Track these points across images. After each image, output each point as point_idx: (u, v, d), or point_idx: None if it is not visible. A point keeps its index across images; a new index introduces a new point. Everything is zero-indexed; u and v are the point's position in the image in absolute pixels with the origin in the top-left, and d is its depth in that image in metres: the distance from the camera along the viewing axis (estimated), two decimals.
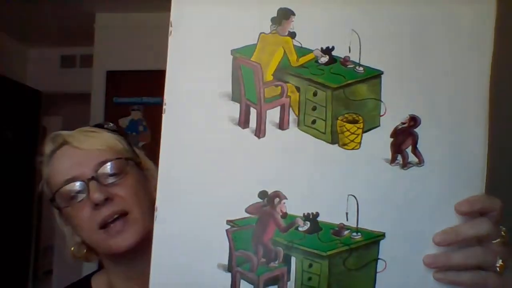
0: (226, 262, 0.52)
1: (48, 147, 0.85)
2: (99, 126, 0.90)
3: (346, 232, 0.52)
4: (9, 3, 2.98)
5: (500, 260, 0.51)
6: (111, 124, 0.92)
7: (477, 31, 0.52)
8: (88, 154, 0.79)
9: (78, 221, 0.79)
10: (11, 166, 3.32)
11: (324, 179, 0.52)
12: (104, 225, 0.76)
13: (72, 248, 0.88)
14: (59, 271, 4.16)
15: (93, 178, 0.76)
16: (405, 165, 0.52)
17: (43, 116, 3.90)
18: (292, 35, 0.52)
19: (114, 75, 3.27)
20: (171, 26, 0.54)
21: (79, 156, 0.79)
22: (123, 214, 0.78)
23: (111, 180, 0.77)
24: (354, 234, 0.52)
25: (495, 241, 0.51)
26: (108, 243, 0.76)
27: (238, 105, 0.53)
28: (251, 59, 0.53)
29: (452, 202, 0.51)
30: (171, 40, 0.54)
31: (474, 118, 0.52)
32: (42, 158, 0.86)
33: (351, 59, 0.53)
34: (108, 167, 0.78)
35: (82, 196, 0.77)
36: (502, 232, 0.52)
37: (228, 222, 0.52)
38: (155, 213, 0.53)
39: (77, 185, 0.77)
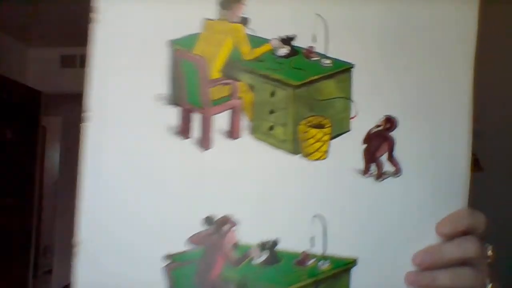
0: None
1: None
2: None
3: (311, 262, 0.44)
4: (9, 3, 2.96)
5: (490, 285, 0.45)
6: None
7: (459, 29, 0.45)
8: None
9: None
10: (11, 166, 3.30)
11: (284, 197, 0.44)
12: None
13: None
14: (59, 271, 4.16)
15: None
16: (380, 175, 0.45)
17: (43, 116, 3.89)
18: (244, 21, 0.44)
19: None
20: (94, 11, 0.43)
21: None
22: None
23: None
24: (321, 262, 0.44)
25: (483, 262, 0.45)
26: None
27: (177, 109, 0.43)
28: (194, 52, 0.44)
29: (434, 217, 0.45)
30: (94, 29, 0.43)
31: (457, 121, 0.46)
32: None
33: (316, 50, 0.44)
34: None
35: None
36: (490, 252, 0.46)
37: (167, 257, 0.43)
38: (76, 249, 0.43)
39: None
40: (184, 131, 0.44)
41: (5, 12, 3.08)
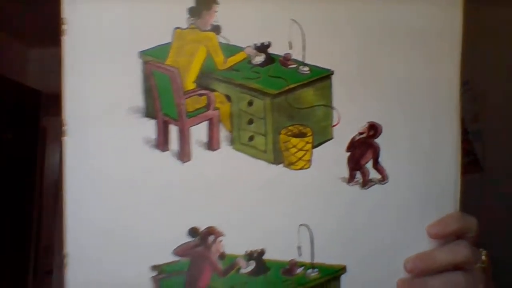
0: None
1: None
2: None
3: (299, 270, 0.45)
4: (9, 3, 2.93)
5: None
6: None
7: (443, 31, 0.44)
8: None
9: None
10: (11, 166, 3.32)
11: (268, 208, 0.44)
12: None
13: None
14: (59, 271, 4.30)
15: None
16: (366, 183, 0.45)
17: (43, 116, 3.84)
18: (216, 29, 0.43)
19: None
20: (64, 23, 0.43)
21: None
22: None
23: None
24: (309, 271, 0.45)
25: (476, 266, 0.45)
26: None
27: (154, 122, 0.43)
28: (166, 62, 0.43)
29: (423, 223, 0.45)
30: (64, 41, 0.43)
31: (445, 124, 0.45)
32: None
33: (293, 57, 0.44)
34: None
35: None
36: (483, 256, 0.46)
37: (154, 268, 0.44)
38: (64, 261, 0.44)
39: None
40: (162, 143, 0.44)
41: (5, 12, 3.10)
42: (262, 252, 0.45)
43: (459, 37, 0.44)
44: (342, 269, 0.45)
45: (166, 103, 0.44)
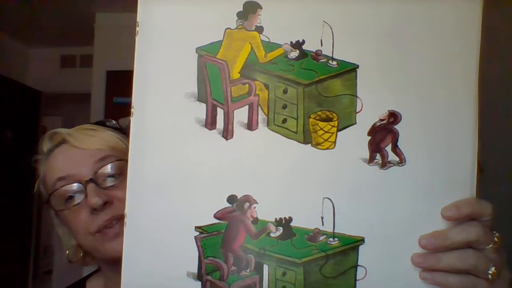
0: (195, 270, 0.52)
1: (45, 145, 0.85)
2: (101, 123, 0.88)
3: (322, 238, 0.51)
4: (9, 3, 3.04)
5: (493, 268, 0.48)
6: (113, 122, 0.89)
7: (463, 26, 0.50)
8: (87, 154, 0.77)
9: (74, 225, 0.77)
10: (11, 166, 3.39)
11: (297, 181, 0.51)
12: (101, 229, 0.74)
13: (67, 252, 0.87)
14: (59, 271, 4.22)
15: (91, 180, 0.74)
16: (385, 164, 0.50)
17: (43, 116, 3.97)
18: (259, 29, 0.51)
19: (114, 75, 3.31)
20: (138, 26, 0.53)
21: (77, 156, 0.77)
22: (121, 217, 0.76)
23: (110, 182, 0.75)
24: (331, 239, 0.51)
25: (488, 247, 0.49)
26: (104, 247, 0.75)
27: (204, 105, 0.51)
28: (217, 56, 0.52)
29: (438, 204, 0.49)
30: (138, 40, 0.53)
31: (462, 114, 0.50)
32: (39, 157, 0.85)
33: (323, 53, 0.51)
34: (108, 168, 0.76)
35: (79, 199, 0.75)
36: (495, 238, 0.50)
37: (197, 228, 0.51)
38: (125, 219, 0.53)
39: (74, 186, 0.75)
40: (210, 123, 0.53)
41: (5, 12, 3.12)
42: (289, 220, 0.51)
43: (479, 32, 0.49)
44: (360, 240, 0.51)
45: (215, 90, 0.53)
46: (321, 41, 0.51)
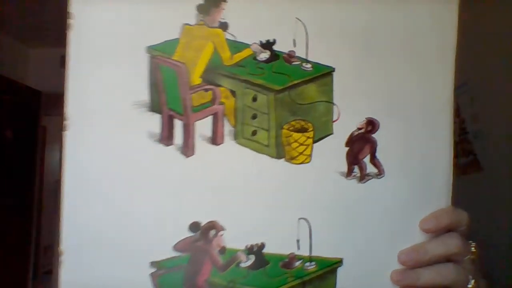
0: None
1: None
2: None
3: (298, 263, 0.46)
4: (9, 3, 2.96)
5: (473, 281, 0.47)
6: None
7: (439, 29, 0.47)
8: None
9: None
10: (11, 166, 3.38)
11: (269, 202, 0.46)
12: None
13: None
14: (59, 271, 4.24)
15: None
16: (363, 177, 0.47)
17: (43, 116, 3.96)
18: (224, 26, 0.44)
19: None
20: (70, 18, 0.43)
21: None
22: None
23: None
24: (308, 264, 0.46)
25: (466, 258, 0.47)
26: None
27: (158, 116, 0.43)
28: (173, 57, 0.45)
29: (417, 217, 0.47)
30: (71, 37, 0.43)
31: (439, 121, 0.47)
32: None
33: (296, 54, 0.46)
34: None
35: None
36: (472, 248, 0.48)
37: (153, 264, 0.44)
38: (60, 258, 0.43)
39: None
40: (166, 138, 0.45)
41: (5, 12, 3.13)
42: (262, 246, 0.46)
43: (454, 39, 0.47)
44: (338, 262, 0.47)
45: (172, 98, 0.45)
46: (294, 40, 0.45)
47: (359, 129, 0.47)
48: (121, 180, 0.45)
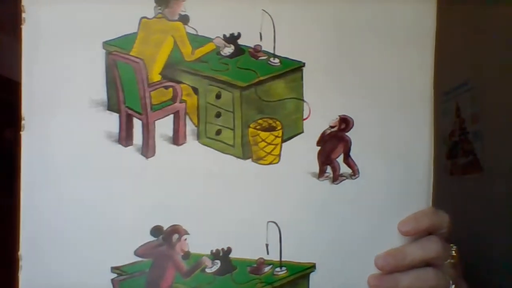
0: None
1: None
2: None
3: (267, 269, 0.44)
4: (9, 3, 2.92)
5: (453, 286, 0.45)
6: None
7: (417, 23, 0.45)
8: None
9: None
10: (11, 166, 3.37)
11: (235, 204, 0.44)
12: None
13: None
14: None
15: None
16: (337, 178, 0.45)
17: None
18: (184, 19, 0.42)
19: None
20: (24, 12, 0.41)
21: None
22: None
23: None
24: (278, 269, 0.44)
25: (446, 262, 0.46)
26: None
27: (116, 116, 0.41)
28: (131, 53, 0.42)
29: (395, 219, 0.44)
30: (24, 31, 0.41)
31: (417, 119, 0.45)
32: None
33: (263, 48, 0.43)
34: None
35: None
36: (453, 252, 0.46)
37: (114, 269, 0.43)
38: (20, 263, 0.42)
39: None
40: (125, 138, 0.43)
41: (5, 12, 3.15)
42: (228, 251, 0.44)
43: (433, 34, 0.45)
44: (311, 267, 0.45)
45: (130, 96, 0.43)
46: (261, 34, 0.42)
47: (332, 127, 0.45)
48: (79, 183, 0.43)
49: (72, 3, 0.42)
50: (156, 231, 0.43)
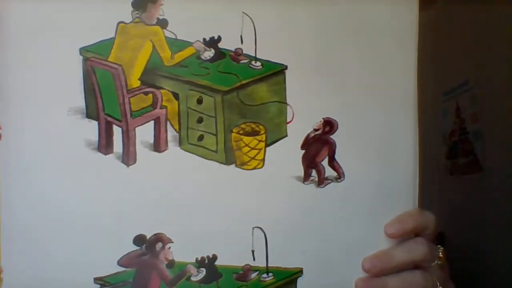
0: None
1: None
2: None
3: (253, 275, 0.44)
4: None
5: (441, 287, 0.45)
6: None
7: (399, 26, 0.44)
8: None
9: None
10: None
11: (220, 211, 0.43)
12: None
13: None
14: None
15: None
16: (322, 181, 0.44)
17: None
18: (163, 23, 0.41)
19: None
20: None
21: None
22: None
23: None
24: (264, 275, 0.44)
25: (433, 264, 0.46)
26: None
27: (95, 123, 0.40)
28: (109, 59, 0.42)
29: (381, 221, 0.44)
30: None
31: (401, 120, 0.45)
32: None
33: (244, 52, 0.43)
34: None
35: None
36: (440, 253, 0.46)
37: (97, 280, 0.42)
38: (0, 275, 0.41)
39: None
40: (104, 146, 0.42)
41: None
42: (213, 258, 0.43)
43: (415, 34, 0.44)
44: (298, 272, 0.44)
45: (109, 103, 0.42)
46: (241, 37, 0.42)
47: (316, 130, 0.44)
48: (60, 193, 0.42)
49: (46, 8, 0.41)
50: (139, 240, 0.43)
